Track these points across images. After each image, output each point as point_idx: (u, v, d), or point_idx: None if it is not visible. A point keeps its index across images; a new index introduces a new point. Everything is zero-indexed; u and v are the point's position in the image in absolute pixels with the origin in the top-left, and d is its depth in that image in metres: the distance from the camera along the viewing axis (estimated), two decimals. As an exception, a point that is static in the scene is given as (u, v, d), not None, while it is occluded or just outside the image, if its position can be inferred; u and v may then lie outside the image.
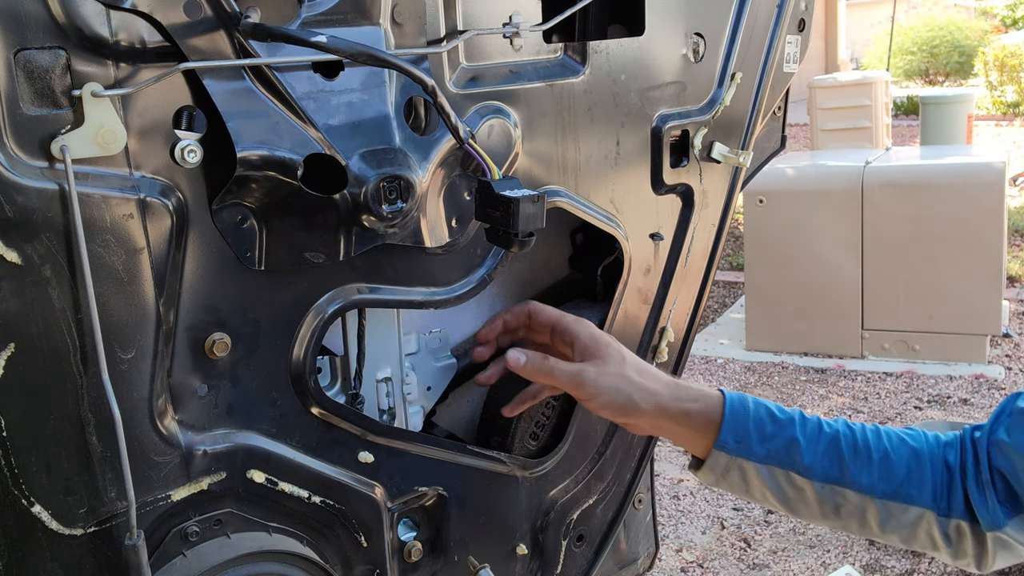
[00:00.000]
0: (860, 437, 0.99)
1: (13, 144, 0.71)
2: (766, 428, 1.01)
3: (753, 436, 1.01)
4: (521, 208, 0.81)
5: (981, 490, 0.95)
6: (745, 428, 1.01)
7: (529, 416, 1.20)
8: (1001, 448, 0.95)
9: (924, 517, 0.97)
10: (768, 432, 1.01)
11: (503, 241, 0.83)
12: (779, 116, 1.44)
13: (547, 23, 1.01)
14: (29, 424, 0.77)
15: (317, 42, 0.76)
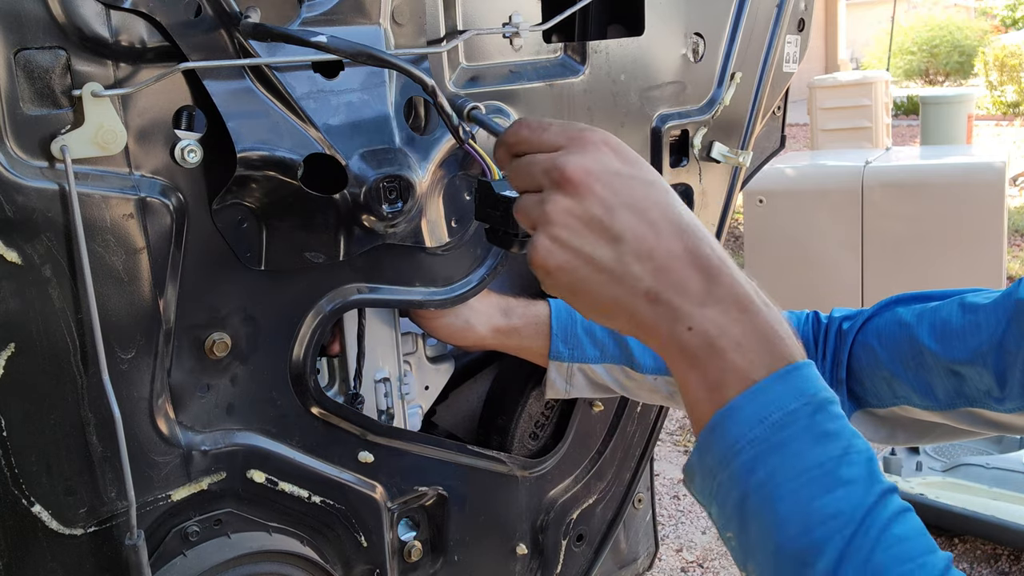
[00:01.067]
0: None
1: (13, 144, 0.71)
2: (596, 332, 1.06)
3: (584, 341, 1.06)
4: None
5: (835, 385, 0.97)
6: (575, 334, 1.05)
7: (529, 416, 1.20)
8: (868, 353, 0.95)
9: None
10: (599, 336, 1.06)
11: (503, 241, 0.83)
12: (778, 116, 1.44)
13: (547, 23, 1.01)
14: (29, 424, 0.77)
15: (317, 42, 0.76)
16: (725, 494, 0.59)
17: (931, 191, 4.57)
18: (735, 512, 0.58)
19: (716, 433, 0.59)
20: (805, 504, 0.55)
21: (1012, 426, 0.87)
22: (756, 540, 0.57)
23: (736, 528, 0.59)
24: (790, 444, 0.57)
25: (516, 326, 1.07)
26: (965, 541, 3.18)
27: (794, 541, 0.55)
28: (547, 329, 1.07)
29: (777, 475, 0.56)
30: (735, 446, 0.58)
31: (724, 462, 0.59)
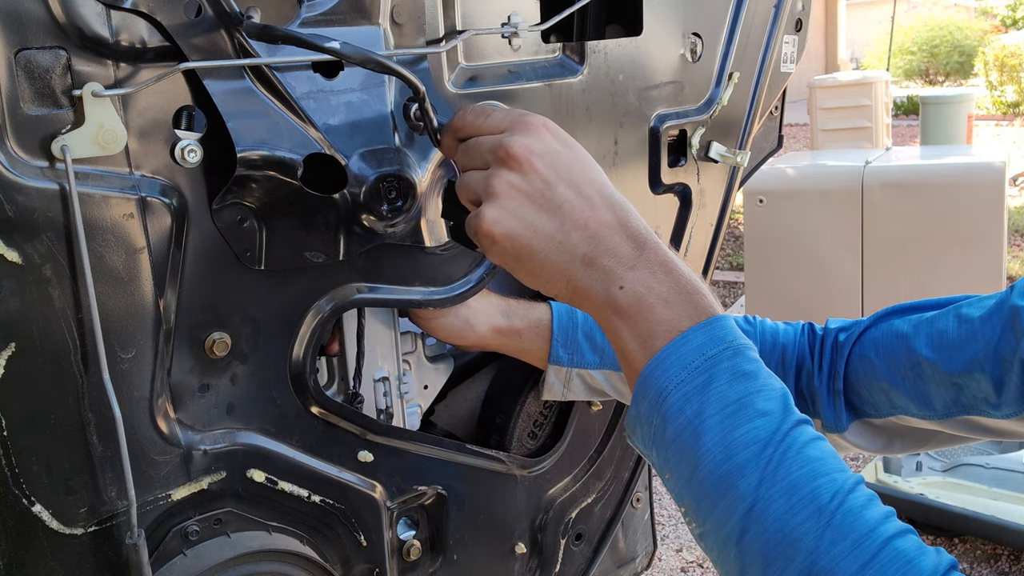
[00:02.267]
0: None
1: (14, 144, 0.72)
2: (596, 338, 1.07)
3: (584, 346, 1.07)
4: None
5: (832, 397, 0.99)
6: (575, 339, 1.07)
7: (527, 415, 1.21)
8: (865, 364, 0.97)
9: None
10: (599, 342, 1.07)
11: (468, 241, 0.84)
12: (776, 116, 1.44)
13: (545, 23, 1.02)
14: (29, 424, 0.77)
15: (328, 47, 0.77)
16: (660, 437, 0.65)
17: (931, 191, 4.58)
18: (671, 451, 0.64)
19: (649, 381, 0.65)
20: (727, 434, 0.61)
21: (1008, 432, 0.89)
22: (688, 473, 0.63)
23: (672, 466, 0.64)
24: (712, 384, 0.63)
25: (516, 327, 1.07)
26: (965, 541, 3.18)
27: (719, 467, 0.61)
28: (548, 333, 1.07)
29: (702, 411, 0.62)
30: (665, 390, 0.64)
31: (656, 406, 0.65)
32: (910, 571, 0.55)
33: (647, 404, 0.66)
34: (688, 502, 0.64)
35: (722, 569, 0.62)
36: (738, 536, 0.60)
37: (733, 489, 0.60)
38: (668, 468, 0.65)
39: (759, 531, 0.59)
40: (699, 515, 0.63)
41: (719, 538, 0.62)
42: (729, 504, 0.60)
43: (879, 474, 3.19)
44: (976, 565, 3.06)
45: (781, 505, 0.59)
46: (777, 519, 0.58)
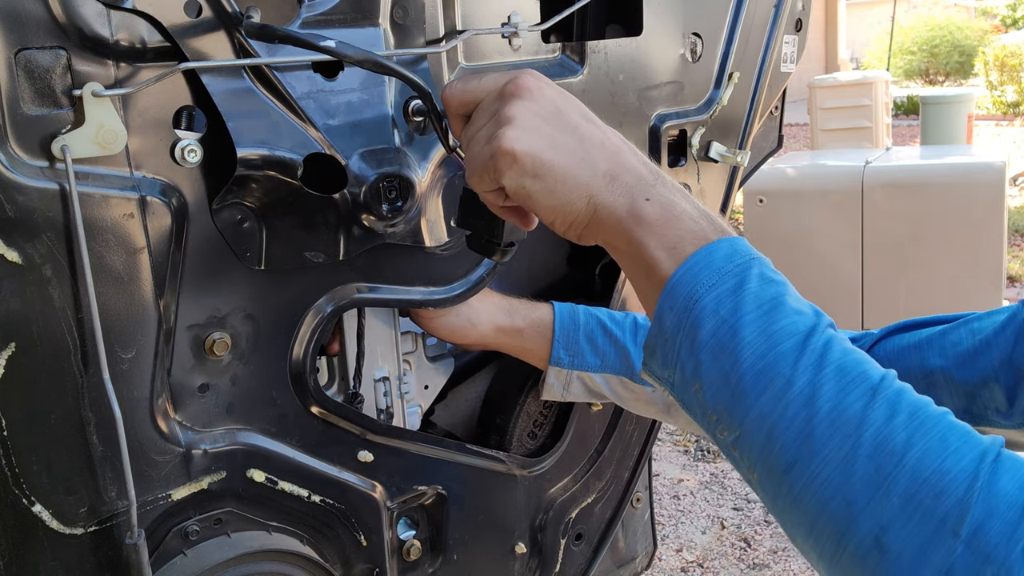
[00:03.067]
0: None
1: (14, 144, 0.72)
2: (598, 340, 1.07)
3: (585, 349, 1.07)
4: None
5: None
6: (576, 342, 1.07)
7: (527, 415, 1.21)
8: None
9: None
10: (600, 344, 1.07)
11: (485, 249, 0.84)
12: (776, 116, 1.44)
13: (545, 23, 1.02)
14: (30, 423, 0.77)
15: (325, 47, 0.76)
16: (691, 343, 0.63)
17: (931, 191, 4.58)
18: (704, 354, 0.62)
19: (678, 287, 0.64)
20: (767, 327, 0.61)
21: (1016, 442, 0.90)
22: (725, 373, 0.61)
23: (705, 371, 0.62)
24: (745, 285, 0.63)
25: (519, 327, 1.07)
26: (965, 541, 3.18)
27: (761, 358, 0.60)
28: (549, 333, 1.07)
29: (738, 310, 0.62)
30: (695, 293, 0.63)
31: (687, 311, 0.63)
32: (969, 439, 0.55)
33: (674, 313, 0.64)
34: (721, 407, 0.62)
35: (762, 467, 0.60)
36: (787, 422, 0.58)
37: (779, 377, 0.59)
38: (698, 376, 0.63)
39: (810, 413, 0.57)
40: (735, 417, 0.61)
41: (760, 433, 0.59)
42: (775, 392, 0.59)
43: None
44: (976, 565, 3.06)
45: (832, 386, 0.58)
46: (830, 399, 0.57)
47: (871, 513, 0.54)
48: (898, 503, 0.53)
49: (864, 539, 0.54)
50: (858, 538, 0.54)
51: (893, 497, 0.54)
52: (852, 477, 0.55)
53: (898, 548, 0.53)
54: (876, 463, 0.55)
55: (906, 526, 0.53)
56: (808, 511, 0.57)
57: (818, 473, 0.56)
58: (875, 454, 0.55)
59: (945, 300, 4.56)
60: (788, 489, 0.58)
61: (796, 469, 0.57)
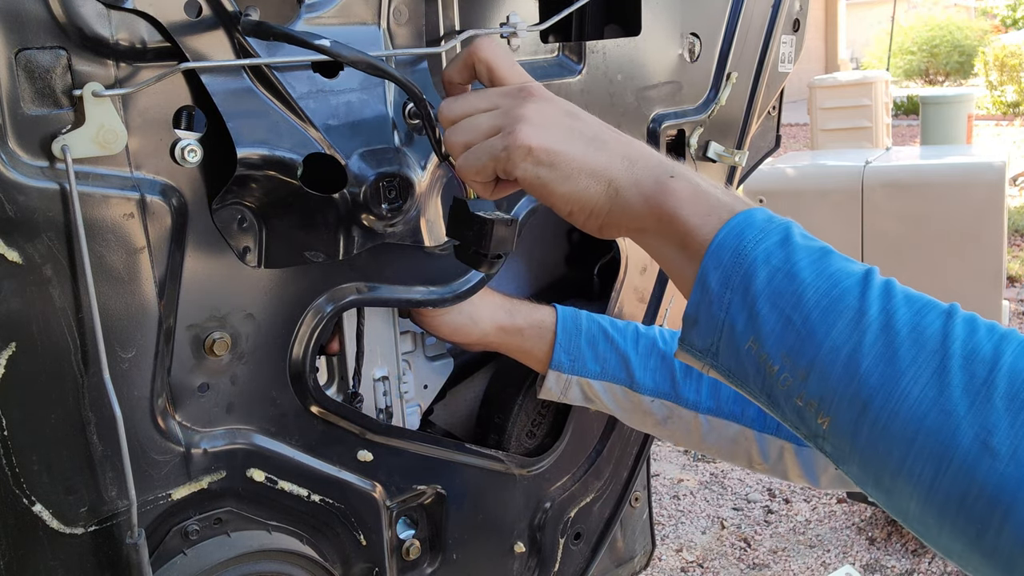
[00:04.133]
0: None
1: (14, 144, 0.72)
2: (599, 346, 1.06)
3: (587, 355, 1.06)
4: (495, 230, 0.81)
5: None
6: (578, 346, 1.06)
7: (526, 414, 1.21)
8: None
9: (744, 433, 1.00)
10: (601, 351, 1.06)
11: (472, 260, 0.84)
12: (774, 116, 1.44)
13: (544, 23, 1.02)
14: (30, 423, 0.77)
15: (320, 46, 0.77)
16: (744, 294, 0.62)
17: (931, 191, 4.57)
18: (761, 301, 0.61)
19: (724, 245, 0.64)
20: (824, 269, 0.60)
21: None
22: (787, 315, 0.60)
23: (763, 319, 0.61)
24: (791, 239, 0.63)
25: (520, 326, 1.07)
26: (965, 540, 3.18)
27: (826, 295, 0.59)
28: (550, 335, 1.06)
29: (791, 257, 0.61)
30: (743, 247, 0.63)
31: (737, 265, 0.63)
32: None
33: (721, 271, 0.63)
34: (786, 352, 0.60)
35: (840, 402, 0.58)
36: (867, 347, 0.57)
37: (848, 308, 0.58)
38: (754, 328, 0.61)
39: (890, 335, 0.57)
40: (804, 356, 0.59)
41: (837, 365, 0.58)
42: (848, 322, 0.58)
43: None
44: (976, 565, 3.06)
45: (906, 311, 0.57)
46: (907, 321, 0.57)
47: (974, 419, 0.53)
48: (1002, 404, 0.52)
49: (971, 446, 0.52)
50: (964, 446, 0.52)
51: (995, 399, 0.52)
52: (948, 387, 0.54)
53: (1010, 447, 0.51)
54: (970, 372, 0.54)
55: (1014, 424, 0.51)
56: (901, 435, 0.55)
57: (909, 391, 0.55)
58: (967, 364, 0.54)
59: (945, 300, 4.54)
60: (874, 418, 0.56)
61: (882, 393, 0.55)
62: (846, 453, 0.59)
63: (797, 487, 3.67)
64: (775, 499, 3.60)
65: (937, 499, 0.54)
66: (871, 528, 3.33)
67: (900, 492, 0.56)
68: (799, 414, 0.61)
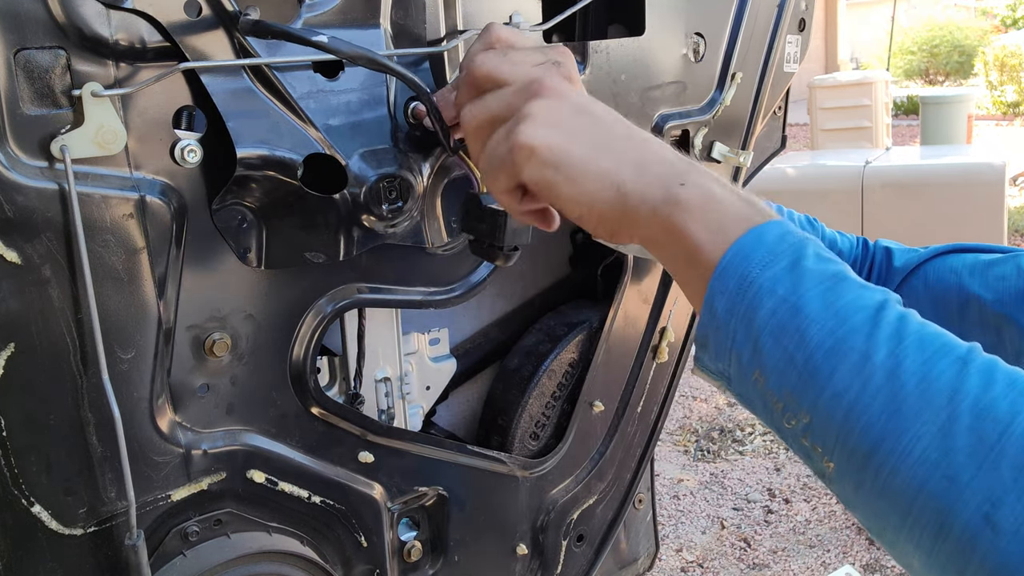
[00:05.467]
0: None
1: (13, 144, 0.71)
2: None
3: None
4: (509, 222, 0.80)
5: None
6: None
7: (529, 416, 1.20)
8: (912, 295, 0.94)
9: None
10: None
11: (488, 254, 0.83)
12: (779, 116, 1.44)
13: (547, 23, 1.01)
14: (29, 424, 0.77)
15: (318, 42, 0.76)
16: (748, 325, 0.58)
17: (931, 191, 4.58)
18: (764, 336, 0.57)
19: (729, 270, 0.60)
20: (833, 302, 0.56)
21: None
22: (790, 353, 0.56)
23: (766, 354, 0.57)
24: (803, 263, 0.58)
25: None
26: (965, 541, 3.18)
27: (831, 334, 0.55)
28: None
29: (799, 286, 0.57)
30: (750, 274, 0.58)
31: (741, 293, 0.59)
32: None
33: (726, 297, 0.59)
34: (788, 392, 0.56)
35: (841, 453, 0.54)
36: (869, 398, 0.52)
37: (853, 351, 0.54)
38: (758, 362, 0.57)
39: (895, 386, 0.52)
40: (806, 399, 0.55)
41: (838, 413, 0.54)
42: (851, 367, 0.53)
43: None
44: (976, 565, 3.06)
45: (916, 357, 0.52)
46: (916, 370, 0.52)
47: (978, 488, 0.48)
48: (1009, 475, 0.48)
49: (972, 518, 0.48)
50: (964, 518, 0.48)
51: (1003, 469, 0.48)
52: (952, 450, 0.49)
53: (1014, 523, 0.47)
54: (978, 434, 0.49)
55: (1021, 498, 0.47)
56: (901, 495, 0.51)
57: (911, 450, 0.50)
58: (976, 424, 0.49)
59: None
60: (875, 473, 0.52)
61: (883, 449, 0.51)
62: (851, 500, 0.56)
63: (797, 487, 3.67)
64: (775, 499, 3.60)
65: (937, 565, 0.51)
66: (871, 529, 3.33)
67: (902, 549, 0.53)
68: (807, 454, 0.58)
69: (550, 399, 1.22)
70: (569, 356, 1.22)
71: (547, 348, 1.21)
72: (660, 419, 1.33)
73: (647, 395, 1.30)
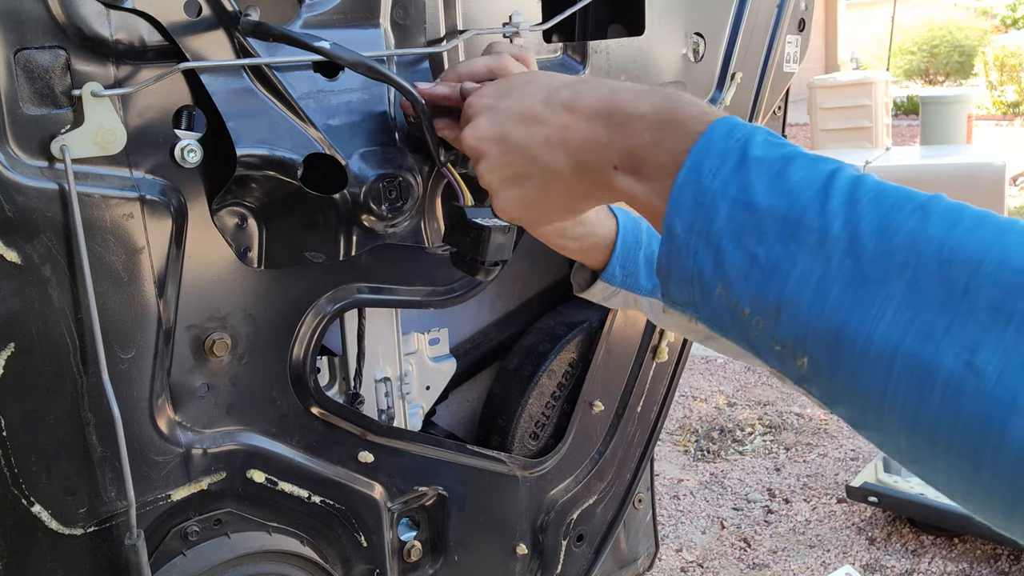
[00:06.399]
0: None
1: (13, 144, 0.71)
2: (654, 263, 0.98)
3: (642, 270, 0.99)
4: (492, 237, 0.80)
5: None
6: (635, 261, 0.99)
7: (529, 416, 1.20)
8: None
9: None
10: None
11: (469, 267, 0.83)
12: (779, 116, 1.44)
13: (547, 23, 1.01)
14: (29, 424, 0.77)
15: (319, 47, 0.76)
16: (704, 242, 0.57)
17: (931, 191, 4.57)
18: (723, 243, 0.56)
19: (684, 187, 0.59)
20: (782, 186, 0.54)
21: None
22: (751, 252, 0.55)
23: (727, 264, 0.56)
24: (749, 156, 0.57)
25: (578, 232, 0.97)
26: (965, 541, 3.18)
27: (785, 220, 0.53)
28: (610, 243, 0.98)
29: (748, 182, 0.56)
30: (703, 184, 0.57)
31: (696, 206, 0.58)
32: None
33: (683, 216, 0.58)
34: (752, 294, 0.54)
35: (813, 341, 0.52)
36: (832, 275, 0.51)
37: (809, 231, 0.52)
38: (721, 272, 0.56)
39: (856, 254, 0.50)
40: (770, 296, 0.54)
41: (804, 300, 0.52)
42: (810, 250, 0.52)
43: (879, 474, 3.19)
44: (976, 565, 3.06)
45: (872, 217, 0.50)
46: (873, 232, 0.50)
47: (955, 337, 0.46)
48: (986, 317, 0.45)
49: (953, 368, 0.46)
50: (946, 370, 0.46)
51: (978, 312, 0.45)
52: (923, 305, 0.47)
53: (997, 365, 0.44)
54: (947, 280, 0.47)
55: (1001, 338, 0.44)
56: (877, 363, 0.48)
57: (882, 315, 0.48)
58: (944, 271, 0.47)
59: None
60: (849, 349, 0.49)
61: (854, 322, 0.49)
62: (829, 393, 0.53)
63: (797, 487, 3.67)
64: (775, 499, 3.60)
65: (925, 431, 0.48)
66: (871, 528, 3.33)
67: (887, 428, 0.50)
68: (779, 359, 0.55)
69: (550, 399, 1.22)
70: (569, 356, 1.22)
71: (547, 348, 1.21)
72: (660, 419, 1.33)
73: (647, 395, 1.30)
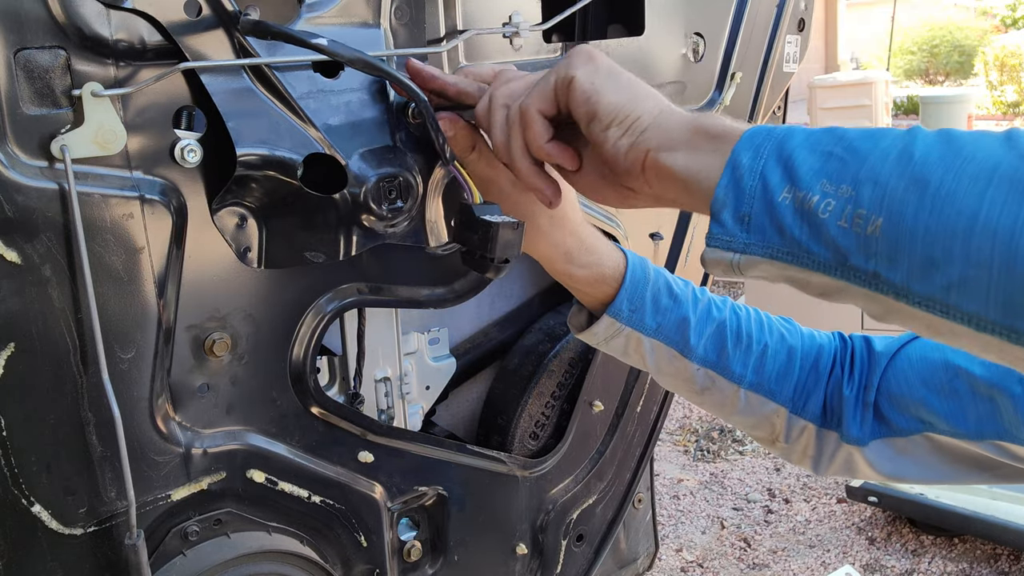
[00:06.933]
0: (744, 326, 0.98)
1: (13, 144, 0.71)
2: (661, 301, 0.98)
3: (648, 308, 0.97)
4: (500, 234, 0.80)
5: (860, 408, 0.95)
6: (642, 297, 0.97)
7: (529, 416, 1.20)
8: (900, 377, 0.94)
9: (778, 412, 0.98)
10: (663, 305, 0.98)
11: (478, 265, 0.83)
12: (779, 116, 1.44)
13: (547, 23, 1.01)
14: (29, 424, 0.77)
15: (317, 44, 0.76)
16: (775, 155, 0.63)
17: (931, 191, 4.57)
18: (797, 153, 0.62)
19: (757, 131, 0.65)
20: (863, 131, 0.61)
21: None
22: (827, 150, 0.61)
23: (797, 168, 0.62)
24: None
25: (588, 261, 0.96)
26: (965, 541, 3.18)
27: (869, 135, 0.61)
28: (618, 276, 0.96)
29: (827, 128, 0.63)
30: (775, 131, 0.64)
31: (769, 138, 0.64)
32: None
33: (752, 149, 0.64)
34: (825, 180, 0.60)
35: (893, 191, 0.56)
36: (919, 144, 0.57)
37: (896, 138, 0.59)
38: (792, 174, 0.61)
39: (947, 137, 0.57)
40: (847, 176, 0.59)
41: (887, 164, 0.57)
42: (892, 140, 0.59)
43: (879, 474, 3.19)
44: (976, 565, 3.07)
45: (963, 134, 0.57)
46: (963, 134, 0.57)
47: None
48: None
49: None
50: None
51: None
52: (1018, 144, 0.53)
53: None
54: None
55: None
56: (973, 187, 0.53)
57: (974, 155, 0.54)
58: None
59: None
60: (935, 192, 0.54)
61: (941, 168, 0.55)
62: (903, 246, 0.56)
63: (797, 487, 3.67)
64: (775, 499, 3.60)
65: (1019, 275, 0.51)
66: (871, 528, 3.33)
67: (975, 257, 0.53)
68: (844, 237, 0.59)
69: (550, 399, 1.22)
70: (569, 356, 1.22)
71: (547, 348, 1.21)
72: (660, 419, 1.33)
73: (647, 395, 1.30)
